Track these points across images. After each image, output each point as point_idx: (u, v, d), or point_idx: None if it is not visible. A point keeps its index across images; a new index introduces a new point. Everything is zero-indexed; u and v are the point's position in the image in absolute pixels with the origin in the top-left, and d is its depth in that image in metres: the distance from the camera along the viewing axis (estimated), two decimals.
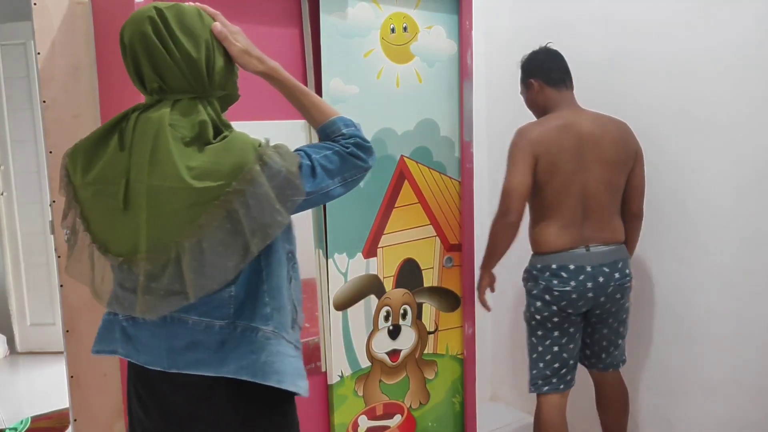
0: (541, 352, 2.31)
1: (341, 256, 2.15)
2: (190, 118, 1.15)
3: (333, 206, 2.10)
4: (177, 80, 1.17)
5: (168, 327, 1.20)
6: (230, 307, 1.19)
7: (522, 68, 2.45)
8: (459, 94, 2.37)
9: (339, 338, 2.17)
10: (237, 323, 1.19)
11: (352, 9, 2.08)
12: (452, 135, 2.39)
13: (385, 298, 2.28)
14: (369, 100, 2.15)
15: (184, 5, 1.19)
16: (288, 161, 1.17)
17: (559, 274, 2.21)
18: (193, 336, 1.19)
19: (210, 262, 1.11)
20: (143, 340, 1.24)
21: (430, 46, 2.28)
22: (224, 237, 1.10)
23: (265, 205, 1.11)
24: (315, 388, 2.17)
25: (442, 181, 2.38)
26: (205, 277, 1.11)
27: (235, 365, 1.18)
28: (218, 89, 1.22)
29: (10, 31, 4.11)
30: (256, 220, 1.11)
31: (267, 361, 1.18)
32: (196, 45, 1.16)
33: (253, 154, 1.13)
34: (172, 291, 1.13)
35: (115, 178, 1.15)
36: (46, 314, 4.26)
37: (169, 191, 1.10)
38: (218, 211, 1.09)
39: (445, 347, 2.48)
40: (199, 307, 1.18)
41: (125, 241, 1.15)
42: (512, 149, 2.23)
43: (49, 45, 2.05)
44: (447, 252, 2.43)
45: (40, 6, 2.05)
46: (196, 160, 1.11)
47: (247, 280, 1.20)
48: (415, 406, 2.41)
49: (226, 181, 1.10)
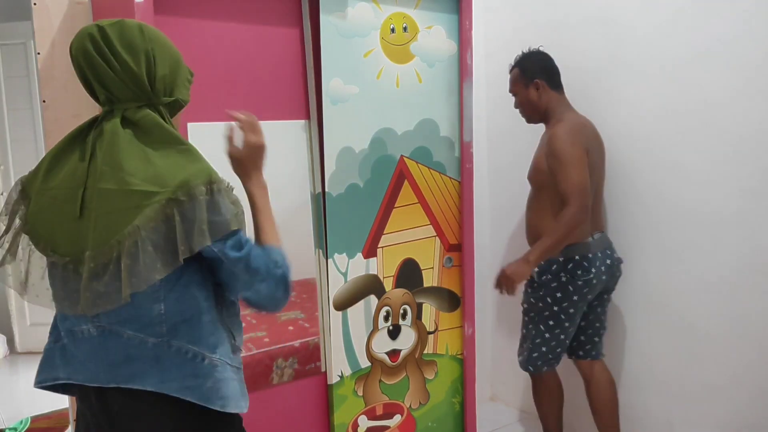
0: (548, 339, 2.46)
1: (341, 256, 2.15)
2: (142, 124, 1.22)
3: (333, 206, 2.10)
4: (122, 91, 1.23)
5: (106, 340, 1.24)
6: (162, 326, 1.23)
7: (523, 67, 2.47)
8: (459, 94, 2.37)
9: (339, 338, 2.17)
10: (171, 343, 1.23)
11: (352, 9, 2.08)
12: (452, 135, 2.39)
13: (385, 298, 2.28)
14: (369, 100, 2.15)
15: (126, 22, 1.24)
16: (233, 215, 1.21)
17: (582, 264, 2.35)
18: (128, 350, 1.23)
19: (142, 261, 1.15)
20: (82, 357, 1.28)
21: (430, 46, 2.28)
22: (157, 239, 1.16)
23: (196, 221, 1.17)
24: (315, 388, 2.18)
25: (442, 181, 2.38)
26: (137, 275, 1.15)
27: (178, 384, 1.23)
28: (164, 96, 1.28)
29: (10, 31, 4.11)
30: (187, 231, 1.16)
31: (213, 387, 1.25)
32: (135, 57, 1.22)
33: (205, 178, 1.19)
34: (111, 289, 1.17)
35: (73, 186, 1.22)
36: (46, 314, 4.13)
37: (114, 193, 1.17)
38: (155, 214, 1.15)
39: (445, 347, 2.48)
40: (132, 323, 1.23)
41: (74, 243, 1.20)
42: (568, 149, 2.30)
43: (49, 45, 2.05)
44: (447, 252, 2.43)
45: (40, 6, 2.04)
46: (144, 164, 1.18)
47: (180, 302, 1.23)
48: (415, 406, 2.41)
49: (170, 190, 1.16)
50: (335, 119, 2.08)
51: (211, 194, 1.19)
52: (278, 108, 2.02)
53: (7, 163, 4.22)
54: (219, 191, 1.20)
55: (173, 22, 1.78)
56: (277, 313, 1.41)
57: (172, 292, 1.22)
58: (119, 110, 1.24)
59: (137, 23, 1.26)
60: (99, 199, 1.18)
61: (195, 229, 1.16)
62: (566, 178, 2.28)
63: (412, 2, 2.21)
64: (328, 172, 2.09)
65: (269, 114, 1.99)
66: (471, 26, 2.35)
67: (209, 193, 1.18)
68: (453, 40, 2.33)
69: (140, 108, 1.24)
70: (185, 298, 1.23)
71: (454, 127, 2.39)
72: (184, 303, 1.23)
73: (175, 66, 1.29)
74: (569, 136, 2.32)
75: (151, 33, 1.26)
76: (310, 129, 2.08)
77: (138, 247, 1.14)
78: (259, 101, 1.98)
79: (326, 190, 2.09)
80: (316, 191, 2.10)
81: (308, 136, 2.08)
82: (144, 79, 1.24)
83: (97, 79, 1.24)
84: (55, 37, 2.06)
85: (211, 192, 1.19)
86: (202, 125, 1.85)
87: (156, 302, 1.21)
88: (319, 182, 2.09)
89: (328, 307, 2.13)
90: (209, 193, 1.18)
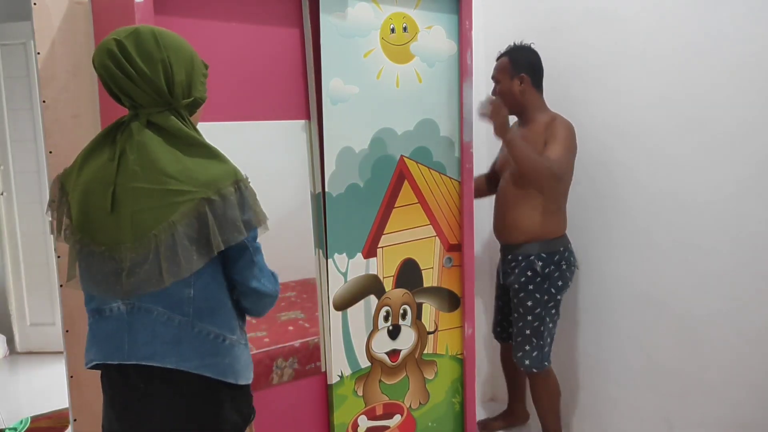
0: (551, 330, 2.58)
1: (341, 256, 2.15)
2: (166, 127, 1.33)
3: (333, 206, 2.11)
4: (143, 98, 1.33)
5: (134, 317, 1.36)
6: (189, 307, 1.36)
7: (513, 58, 2.49)
8: (459, 94, 2.37)
9: (339, 338, 2.17)
10: (195, 324, 1.37)
11: (352, 9, 2.08)
12: (452, 135, 2.39)
13: (385, 298, 2.28)
14: (369, 100, 2.15)
15: (141, 31, 1.33)
16: (258, 211, 1.37)
17: (572, 254, 2.57)
18: (155, 327, 1.35)
19: (180, 252, 1.28)
20: (105, 334, 1.39)
21: (430, 46, 2.28)
22: (191, 233, 1.29)
23: (230, 218, 1.31)
24: (315, 388, 2.18)
25: (442, 181, 2.38)
26: (177, 265, 1.29)
27: (198, 362, 1.37)
28: (183, 99, 1.38)
29: (10, 31, 4.10)
30: (220, 226, 1.30)
31: (230, 364, 1.41)
32: (153, 67, 1.32)
33: (232, 177, 1.33)
34: (152, 275, 1.30)
35: (104, 183, 1.32)
36: (45, 314, 4.25)
37: (148, 192, 1.29)
38: (189, 211, 1.29)
39: (445, 347, 2.48)
40: (163, 301, 1.35)
41: (108, 234, 1.32)
42: (569, 134, 2.45)
43: (49, 45, 2.05)
44: (447, 252, 2.43)
45: (40, 6, 2.04)
46: (176, 165, 1.30)
47: (207, 290, 1.37)
48: (414, 406, 2.41)
49: (202, 189, 1.29)
50: (335, 119, 2.08)
51: (239, 192, 1.33)
52: (278, 108, 2.02)
53: (7, 163, 4.21)
54: (246, 189, 1.34)
55: (173, 22, 1.78)
56: (262, 317, 1.54)
57: (200, 280, 1.35)
58: (144, 115, 1.34)
59: (151, 31, 1.34)
60: (133, 197, 1.29)
61: (229, 225, 1.30)
62: (557, 151, 2.39)
63: (412, 2, 2.21)
64: (328, 172, 2.09)
65: (269, 114, 1.99)
66: (471, 26, 2.35)
67: (237, 191, 1.33)
68: (453, 40, 2.33)
69: (162, 112, 1.34)
70: (211, 286, 1.37)
71: (454, 127, 2.39)
72: (209, 290, 1.37)
73: (190, 67, 1.39)
74: (573, 132, 2.47)
75: (165, 39, 1.34)
76: (310, 129, 2.08)
77: (175, 241, 1.28)
78: (260, 101, 1.97)
79: (326, 190, 2.09)
80: (317, 191, 2.10)
81: (308, 136, 2.08)
82: (163, 86, 1.33)
83: (120, 90, 1.34)
84: (55, 37, 2.06)
85: (239, 190, 1.33)
86: (203, 125, 1.85)
87: (187, 287, 1.34)
88: (319, 182, 2.09)
89: (328, 307, 2.13)
90: (237, 191, 1.33)
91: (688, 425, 2.49)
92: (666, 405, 2.55)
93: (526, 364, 2.56)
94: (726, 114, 2.27)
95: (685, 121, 2.38)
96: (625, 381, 2.66)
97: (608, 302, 2.67)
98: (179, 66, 1.35)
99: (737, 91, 2.23)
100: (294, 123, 2.04)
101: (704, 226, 2.36)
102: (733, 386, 2.35)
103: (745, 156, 2.24)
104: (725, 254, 2.32)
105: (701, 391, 2.43)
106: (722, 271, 2.33)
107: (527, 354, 2.55)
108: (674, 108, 2.41)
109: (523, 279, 2.52)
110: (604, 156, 2.62)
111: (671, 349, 2.50)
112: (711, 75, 2.29)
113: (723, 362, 2.36)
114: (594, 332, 2.75)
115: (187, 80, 1.37)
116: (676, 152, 2.42)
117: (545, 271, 2.48)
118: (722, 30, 2.24)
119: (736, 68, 2.22)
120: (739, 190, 2.26)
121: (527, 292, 2.52)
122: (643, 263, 2.56)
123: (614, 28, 2.56)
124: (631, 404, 2.65)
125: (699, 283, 2.40)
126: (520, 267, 2.53)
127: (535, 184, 2.43)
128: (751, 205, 2.24)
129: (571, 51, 2.68)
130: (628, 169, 2.56)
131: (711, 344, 2.39)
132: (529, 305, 2.52)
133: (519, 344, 2.57)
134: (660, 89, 2.44)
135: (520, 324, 2.55)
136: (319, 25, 2.01)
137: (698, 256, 2.39)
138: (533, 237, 2.50)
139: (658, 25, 2.42)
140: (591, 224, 2.70)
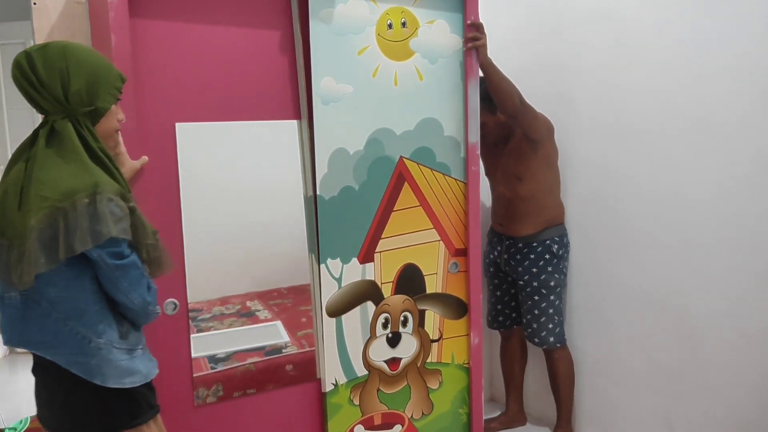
0: (561, 309, 2.71)
1: (334, 261, 2.08)
2: (61, 134, 1.43)
3: (325, 210, 2.04)
4: (46, 105, 1.45)
5: (27, 307, 1.46)
6: (61, 305, 1.44)
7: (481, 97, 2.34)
8: (464, 93, 2.26)
9: (332, 345, 2.10)
10: (67, 322, 1.45)
11: (344, 5, 1.99)
12: (457, 134, 2.28)
13: (384, 305, 2.20)
14: (364, 100, 2.07)
15: (51, 45, 1.44)
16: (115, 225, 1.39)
17: (567, 240, 2.70)
18: (41, 319, 1.45)
19: (32, 255, 1.37)
20: (8, 320, 1.50)
21: (432, 42, 2.18)
22: (44, 238, 1.37)
23: (79, 228, 1.36)
24: (310, 395, 2.12)
25: (446, 182, 2.28)
26: (35, 264, 1.37)
27: (67, 359, 1.45)
28: (81, 107, 1.45)
29: (10, 31, 4.15)
30: (70, 234, 1.37)
31: (97, 365, 1.47)
32: (50, 74, 1.43)
33: (90, 189, 1.37)
34: (21, 272, 1.39)
35: (17, 184, 1.45)
36: None
37: (32, 196, 1.39)
38: (44, 217, 1.37)
39: (451, 356, 2.37)
40: (45, 295, 1.44)
41: (12, 229, 1.42)
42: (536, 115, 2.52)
43: None
44: (452, 257, 2.32)
45: (39, 6, 2.06)
46: (48, 173, 1.39)
47: (69, 291, 1.44)
48: (416, 417, 2.33)
49: (57, 198, 1.37)
50: (327, 119, 2.01)
51: (94, 204, 1.37)
52: (269, 107, 1.96)
53: (6, 163, 4.29)
54: (102, 202, 1.37)
55: (164, 25, 1.77)
56: (141, 327, 1.58)
57: (63, 281, 1.43)
58: (51, 121, 1.46)
59: (63, 45, 1.45)
60: (26, 199, 1.41)
61: (77, 234, 1.36)
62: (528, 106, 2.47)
63: None
64: (319, 174, 2.02)
65: (259, 113, 1.94)
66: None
67: (92, 204, 1.37)
68: (457, 35, 2.22)
69: (63, 119, 1.44)
70: (75, 288, 1.44)
71: (459, 126, 2.27)
72: (71, 292, 1.44)
73: (93, 76, 1.46)
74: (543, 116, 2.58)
75: (73, 52, 1.44)
76: (301, 129, 2.01)
77: (31, 243, 1.36)
78: (249, 100, 1.92)
79: (318, 192, 2.02)
80: (309, 194, 2.03)
81: (301, 137, 2.01)
82: (60, 93, 1.43)
83: (28, 98, 1.48)
84: (55, 36, 2.07)
85: (95, 202, 1.37)
86: (192, 125, 1.83)
87: (52, 286, 1.43)
88: (312, 185, 2.03)
89: (321, 314, 2.07)
90: (92, 204, 1.37)
91: (688, 425, 2.43)
92: (666, 405, 2.50)
93: (550, 341, 2.67)
94: (726, 114, 2.22)
95: (685, 121, 2.33)
96: (625, 381, 2.62)
97: (608, 302, 2.64)
98: (77, 74, 1.43)
99: (737, 91, 2.19)
100: (285, 123, 1.98)
101: (704, 226, 2.31)
102: (733, 386, 2.29)
103: (745, 156, 2.18)
104: (725, 254, 2.27)
105: (701, 391, 2.38)
106: (722, 271, 2.28)
107: (551, 331, 2.67)
108: (674, 108, 2.36)
109: (541, 263, 2.63)
110: (604, 156, 2.59)
111: (671, 349, 2.46)
112: (711, 75, 2.24)
113: (723, 362, 2.31)
114: (594, 332, 2.72)
115: (87, 89, 1.45)
116: (676, 152, 2.37)
117: (560, 252, 2.65)
118: (722, 30, 2.20)
119: (736, 68, 2.17)
120: (740, 189, 2.21)
121: (548, 273, 2.63)
122: (643, 263, 2.52)
123: (614, 28, 2.50)
124: (631, 404, 2.61)
125: (699, 282, 2.35)
126: (536, 253, 2.64)
127: (503, 107, 2.40)
128: (751, 204, 2.19)
129: (572, 51, 2.64)
130: (628, 169, 2.53)
131: (711, 344, 2.34)
132: (551, 285, 2.64)
133: (542, 324, 2.67)
134: (660, 89, 2.39)
135: (543, 305, 2.65)
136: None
137: (698, 255, 2.34)
138: (548, 224, 2.64)
139: (658, 25, 2.36)
140: (591, 224, 2.68)
